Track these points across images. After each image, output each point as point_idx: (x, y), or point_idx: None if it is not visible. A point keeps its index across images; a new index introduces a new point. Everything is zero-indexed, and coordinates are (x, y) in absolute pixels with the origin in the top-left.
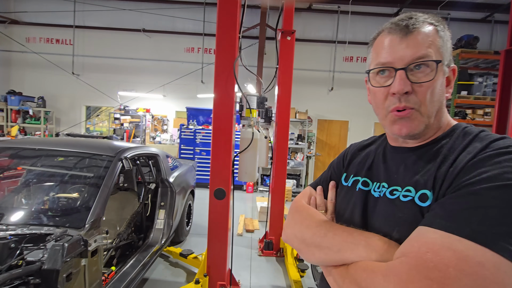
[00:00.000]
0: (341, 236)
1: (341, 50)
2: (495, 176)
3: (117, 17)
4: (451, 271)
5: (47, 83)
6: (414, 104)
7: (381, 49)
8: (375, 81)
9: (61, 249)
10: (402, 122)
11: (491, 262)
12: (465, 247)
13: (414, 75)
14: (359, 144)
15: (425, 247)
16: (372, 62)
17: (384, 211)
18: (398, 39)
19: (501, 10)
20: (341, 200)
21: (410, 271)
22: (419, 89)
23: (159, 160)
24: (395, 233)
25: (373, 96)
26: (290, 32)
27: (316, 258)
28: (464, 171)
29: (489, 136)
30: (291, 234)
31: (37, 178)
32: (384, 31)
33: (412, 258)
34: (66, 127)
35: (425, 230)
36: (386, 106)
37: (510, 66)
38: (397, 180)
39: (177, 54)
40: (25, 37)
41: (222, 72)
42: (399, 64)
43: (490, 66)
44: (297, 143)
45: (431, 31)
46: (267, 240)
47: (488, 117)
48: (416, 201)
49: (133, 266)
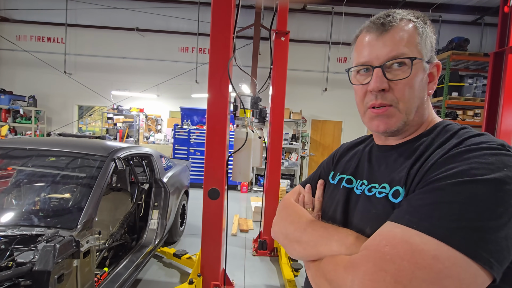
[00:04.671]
0: (318, 232)
1: (335, 51)
2: (462, 171)
3: (110, 16)
4: (405, 264)
5: (38, 82)
6: (390, 101)
7: (360, 48)
8: (356, 79)
9: (52, 250)
10: (379, 119)
11: (446, 256)
12: (422, 241)
13: (391, 72)
14: (350, 143)
15: (385, 241)
16: (354, 60)
17: (362, 208)
18: (374, 38)
19: (491, 13)
20: (327, 198)
21: (367, 263)
22: (395, 87)
23: (153, 160)
24: (368, 229)
25: (355, 94)
26: (284, 32)
27: (297, 253)
28: (434, 167)
29: (467, 132)
30: (278, 230)
31: (28, 179)
32: (363, 30)
33: (371, 251)
34: (58, 127)
35: (390, 225)
36: (365, 103)
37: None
38: (377, 177)
39: (171, 53)
40: (16, 35)
41: (216, 72)
42: (376, 62)
43: (480, 68)
44: (291, 143)
45: (409, 28)
46: (261, 240)
47: (478, 118)
48: (390, 197)
49: (126, 267)
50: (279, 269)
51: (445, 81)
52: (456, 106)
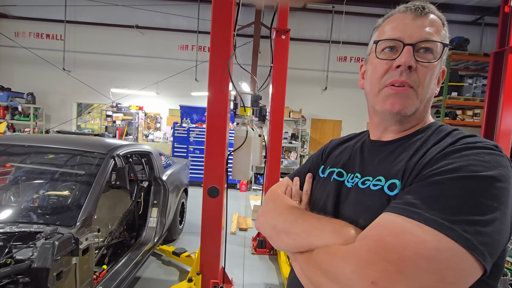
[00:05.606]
0: (310, 223)
1: (335, 50)
2: (460, 167)
3: (110, 13)
4: (408, 253)
5: (37, 79)
6: (413, 82)
7: (393, 25)
8: (381, 54)
9: (51, 247)
10: (396, 98)
11: (446, 248)
12: (424, 231)
13: (419, 56)
14: (339, 139)
15: (386, 231)
16: (379, 36)
17: (354, 200)
18: (411, 18)
19: (491, 13)
20: (317, 191)
21: (368, 253)
22: (421, 69)
23: (152, 158)
24: (361, 220)
25: (373, 71)
26: (285, 31)
27: (284, 244)
28: (431, 162)
29: (460, 133)
30: (264, 221)
31: (27, 176)
32: (397, 12)
33: (372, 240)
34: (57, 124)
35: (388, 215)
36: (383, 80)
37: (499, 68)
38: (370, 171)
39: (171, 51)
40: (14, 32)
41: (216, 70)
42: (408, 40)
43: (480, 68)
44: (291, 142)
45: (439, 21)
46: (260, 239)
47: (477, 118)
48: (385, 190)
49: (125, 264)
50: (278, 268)
51: (445, 81)
52: (455, 106)
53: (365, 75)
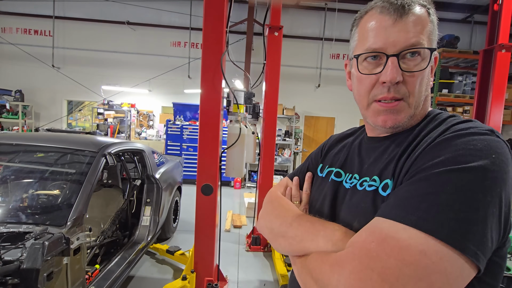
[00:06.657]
0: (304, 227)
1: (328, 47)
2: (448, 159)
3: (100, 8)
4: (392, 261)
5: (25, 76)
6: (402, 95)
7: (370, 31)
8: (363, 67)
9: (41, 248)
10: (388, 114)
11: (433, 251)
12: (409, 235)
13: (405, 63)
14: (339, 135)
15: (371, 237)
16: (359, 44)
17: (350, 202)
18: (391, 21)
19: (481, 11)
20: (315, 191)
21: (353, 261)
22: (409, 79)
23: (145, 156)
24: (355, 223)
25: (358, 84)
26: (278, 27)
27: (282, 248)
28: (421, 156)
29: (456, 119)
30: (263, 224)
31: (15, 175)
32: (374, 10)
33: (357, 248)
34: (46, 122)
35: (377, 220)
36: (371, 95)
37: (488, 66)
38: (367, 170)
39: (163, 48)
40: (1, 27)
41: (209, 67)
42: (391, 50)
43: (469, 65)
44: (285, 139)
45: (423, 14)
46: (254, 236)
47: (467, 114)
48: (380, 191)
49: (118, 264)
50: (273, 264)
51: (436, 78)
52: (446, 103)
53: (352, 83)
